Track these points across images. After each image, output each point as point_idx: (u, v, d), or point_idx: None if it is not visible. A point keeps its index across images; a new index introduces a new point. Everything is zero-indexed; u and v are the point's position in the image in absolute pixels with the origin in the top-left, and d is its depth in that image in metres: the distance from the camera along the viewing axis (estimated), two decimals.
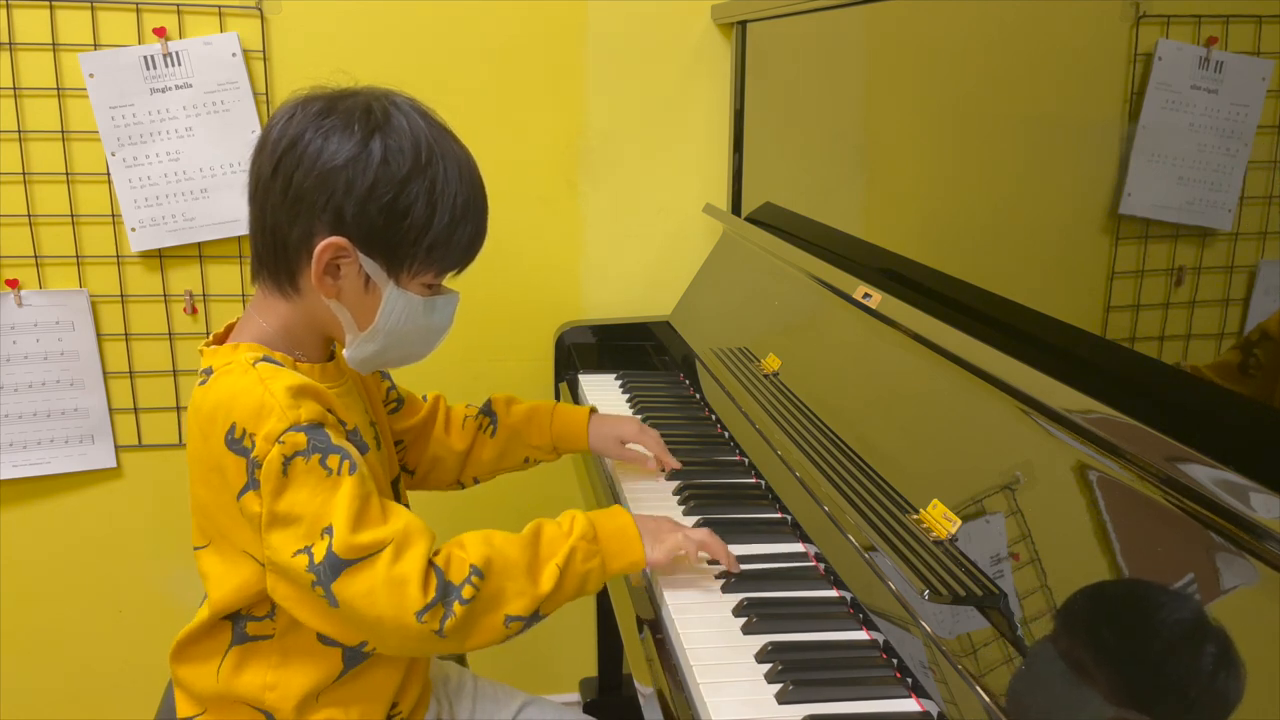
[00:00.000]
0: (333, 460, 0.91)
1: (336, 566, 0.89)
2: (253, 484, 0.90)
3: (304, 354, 1.01)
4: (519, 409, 1.28)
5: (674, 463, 1.29)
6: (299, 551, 0.90)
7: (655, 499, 1.24)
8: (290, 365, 0.98)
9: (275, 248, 0.96)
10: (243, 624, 1.00)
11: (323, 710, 1.01)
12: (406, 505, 1.18)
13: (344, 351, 1.01)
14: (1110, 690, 0.72)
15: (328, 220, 0.93)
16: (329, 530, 0.90)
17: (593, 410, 1.31)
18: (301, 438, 0.90)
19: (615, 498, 1.28)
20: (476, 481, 1.29)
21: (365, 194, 0.92)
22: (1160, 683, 0.69)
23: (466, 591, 0.92)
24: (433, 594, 0.91)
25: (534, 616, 0.96)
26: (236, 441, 0.91)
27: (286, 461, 0.89)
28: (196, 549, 1.01)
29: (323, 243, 0.93)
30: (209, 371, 0.97)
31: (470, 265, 1.02)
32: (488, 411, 1.28)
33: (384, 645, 0.95)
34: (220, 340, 1.02)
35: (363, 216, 0.93)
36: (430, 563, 0.92)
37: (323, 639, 0.99)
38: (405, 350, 1.03)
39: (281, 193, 0.94)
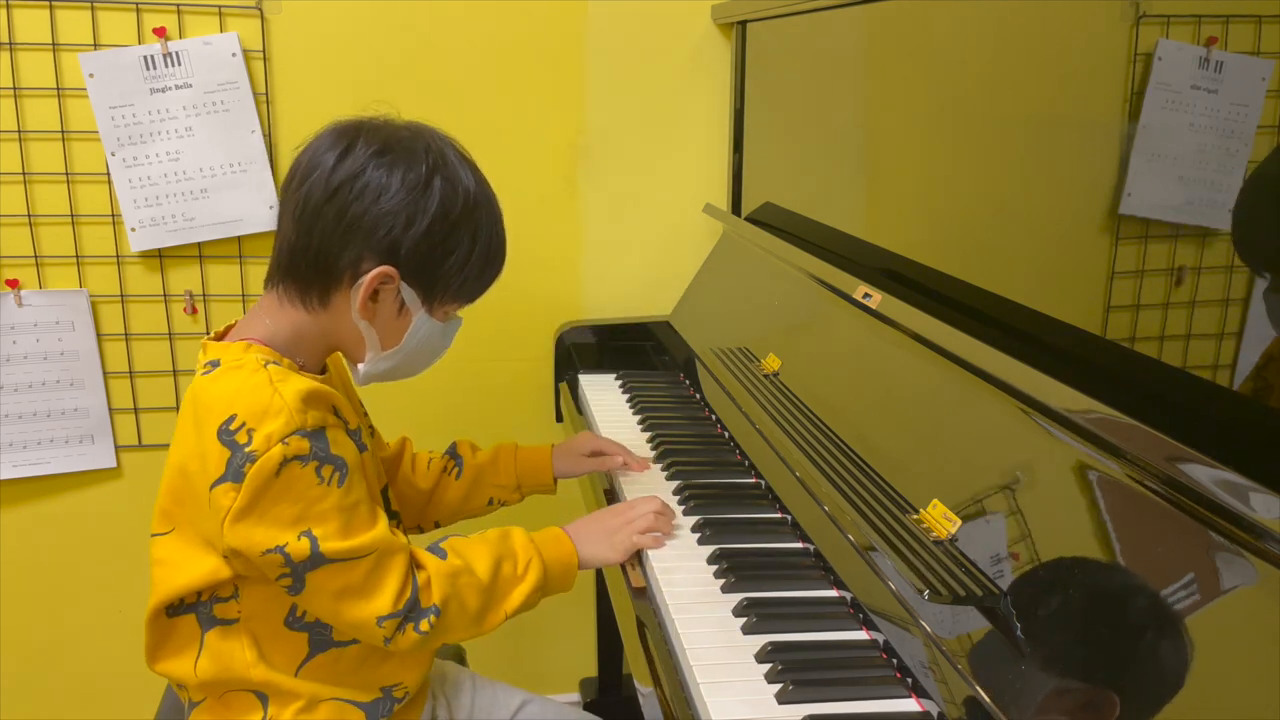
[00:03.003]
0: (326, 470, 0.94)
1: (319, 562, 0.94)
2: (232, 477, 0.91)
3: (304, 362, 1.03)
4: (484, 451, 1.31)
5: (642, 464, 1.32)
6: (271, 551, 0.92)
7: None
8: (296, 372, 1.00)
9: (317, 266, 0.99)
10: (208, 608, 1.01)
11: (309, 685, 1.03)
12: (395, 513, 1.19)
13: (359, 366, 1.06)
14: (1110, 690, 0.72)
15: (382, 250, 0.98)
16: (309, 534, 0.93)
17: (553, 446, 1.33)
18: (305, 444, 0.92)
19: (615, 497, 1.29)
20: (437, 525, 1.31)
21: (423, 232, 0.98)
22: (1160, 682, 0.69)
23: (424, 625, 0.99)
24: (401, 606, 0.97)
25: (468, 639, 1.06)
26: (230, 434, 0.92)
27: (285, 463, 0.91)
28: (156, 535, 1.02)
29: (374, 271, 0.98)
30: (215, 363, 0.98)
31: None
32: (453, 454, 1.30)
33: (335, 625, 1.01)
34: (220, 338, 1.03)
35: (415, 251, 0.99)
36: (412, 579, 0.98)
37: (288, 623, 1.02)
38: (410, 367, 1.09)
39: (336, 219, 0.97)
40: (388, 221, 0.97)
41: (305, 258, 0.99)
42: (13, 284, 1.66)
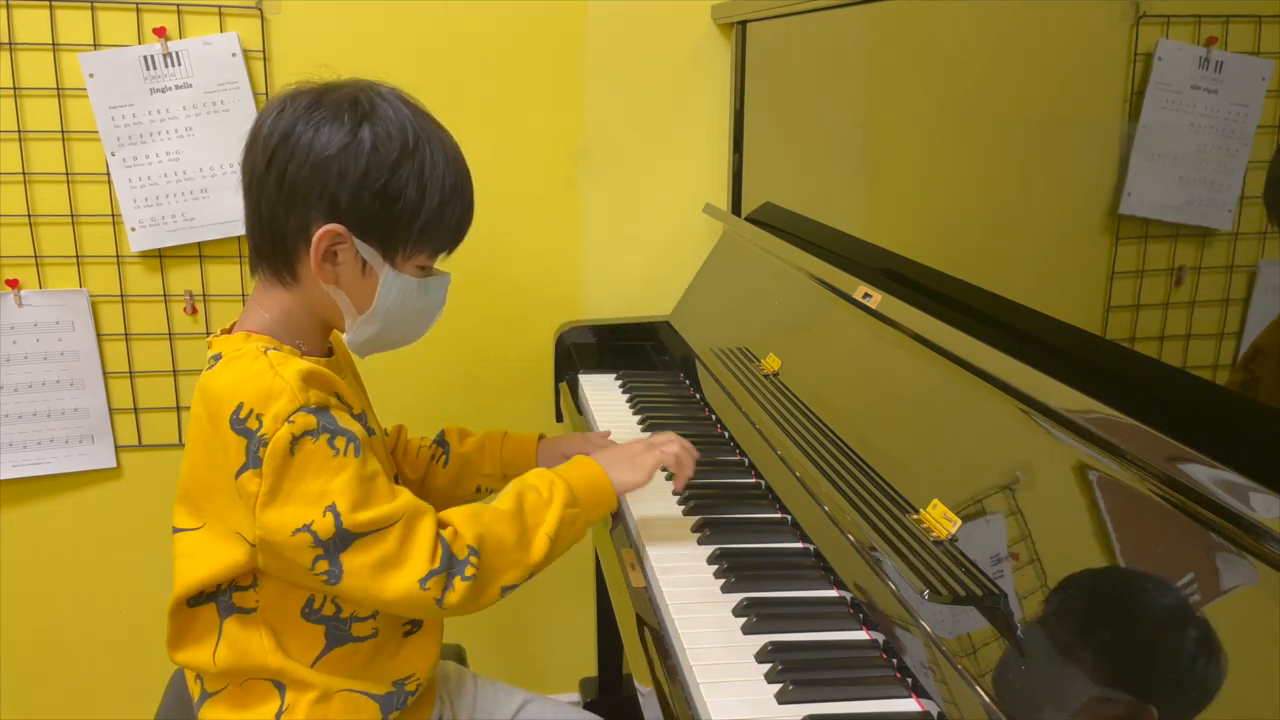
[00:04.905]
0: (340, 441, 0.94)
1: (347, 539, 0.93)
2: (253, 463, 0.92)
3: (305, 344, 1.03)
4: (471, 439, 1.30)
5: None
6: (300, 530, 0.92)
7: (655, 498, 1.23)
8: (297, 356, 1.00)
9: (273, 239, 0.99)
10: (227, 597, 1.01)
11: (324, 678, 1.02)
12: None
13: (344, 336, 1.04)
14: (1110, 690, 0.72)
15: (323, 209, 0.96)
16: (332, 508, 0.92)
17: (541, 436, 1.32)
18: (312, 419, 0.92)
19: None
20: None
21: (358, 181, 0.96)
22: (1160, 682, 0.69)
23: (469, 571, 0.97)
24: (438, 562, 0.95)
25: (526, 579, 1.03)
26: (241, 422, 0.92)
27: (295, 440, 0.91)
28: (181, 531, 1.02)
29: (320, 231, 0.96)
30: (218, 357, 0.99)
31: (460, 247, 1.05)
32: (440, 442, 1.30)
33: (384, 608, 1.00)
34: (227, 333, 1.04)
35: (357, 203, 0.96)
36: (440, 536, 0.97)
37: (304, 614, 1.01)
38: (402, 332, 1.06)
39: (276, 185, 0.96)
40: (320, 177, 0.95)
41: (261, 232, 0.99)
42: (13, 284, 1.66)
